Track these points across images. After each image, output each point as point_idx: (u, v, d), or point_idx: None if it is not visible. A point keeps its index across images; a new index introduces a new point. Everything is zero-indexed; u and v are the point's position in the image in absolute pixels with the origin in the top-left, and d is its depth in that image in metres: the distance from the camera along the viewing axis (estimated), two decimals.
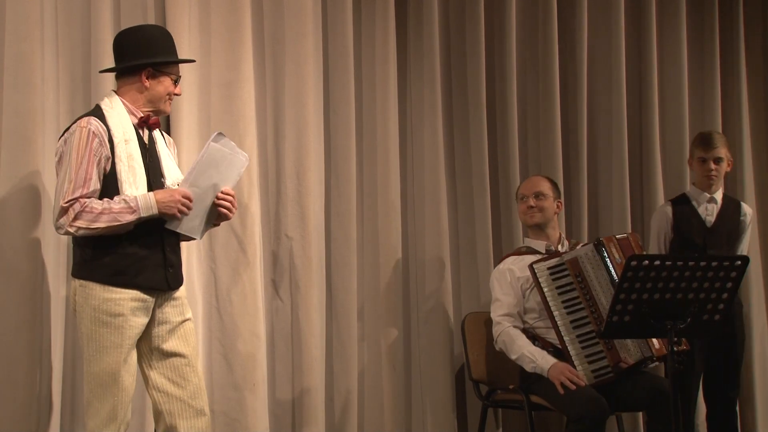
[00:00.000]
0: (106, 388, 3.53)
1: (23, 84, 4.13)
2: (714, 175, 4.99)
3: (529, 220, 4.79)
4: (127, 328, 3.55)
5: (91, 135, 3.54)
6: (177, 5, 4.55)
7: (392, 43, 5.13)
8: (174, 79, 3.73)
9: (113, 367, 3.53)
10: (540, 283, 4.55)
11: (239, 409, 4.59)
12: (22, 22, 4.15)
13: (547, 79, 5.46)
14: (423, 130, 5.22)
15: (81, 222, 3.49)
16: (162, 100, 3.72)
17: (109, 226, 3.50)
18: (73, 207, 3.49)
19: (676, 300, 3.70)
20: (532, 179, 4.92)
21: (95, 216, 3.49)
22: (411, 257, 5.19)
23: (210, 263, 4.65)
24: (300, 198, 4.83)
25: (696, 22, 5.90)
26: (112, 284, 3.55)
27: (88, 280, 3.57)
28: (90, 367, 3.56)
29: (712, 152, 4.98)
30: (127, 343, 3.56)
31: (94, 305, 3.55)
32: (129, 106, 3.69)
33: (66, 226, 3.51)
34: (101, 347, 3.53)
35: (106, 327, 3.54)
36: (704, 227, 5.00)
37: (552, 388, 4.38)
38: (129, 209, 3.51)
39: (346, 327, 4.94)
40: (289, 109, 4.85)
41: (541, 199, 4.78)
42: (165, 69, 3.71)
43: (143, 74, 3.68)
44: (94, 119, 3.58)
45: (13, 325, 4.04)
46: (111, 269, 3.55)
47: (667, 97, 5.78)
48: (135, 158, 3.60)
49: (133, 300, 3.57)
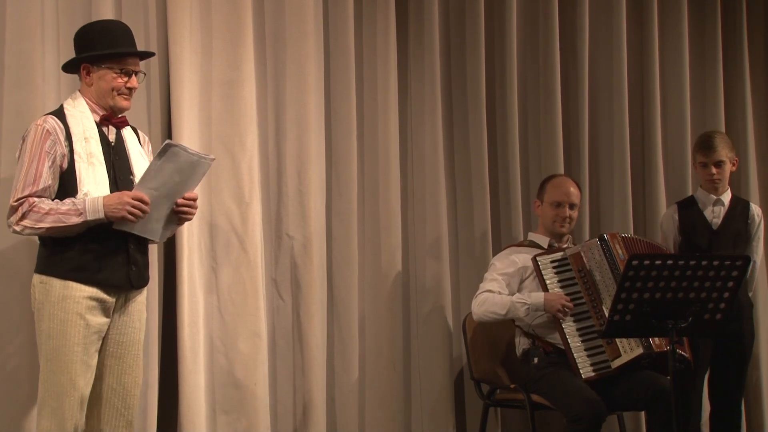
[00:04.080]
0: (61, 387, 3.46)
1: (24, 83, 4.13)
2: (717, 179, 4.97)
3: (558, 229, 4.72)
4: (84, 327, 3.50)
5: (45, 132, 3.51)
6: (178, 4, 4.55)
7: (393, 43, 5.13)
8: (118, 72, 3.61)
9: (69, 367, 3.47)
10: (543, 276, 4.55)
11: (240, 408, 4.59)
12: (23, 21, 4.16)
13: (548, 78, 5.46)
14: (423, 130, 5.22)
15: (27, 221, 3.46)
16: (108, 96, 3.63)
17: (54, 226, 3.45)
18: (22, 206, 3.46)
19: (677, 299, 3.70)
20: (567, 184, 4.79)
21: (41, 216, 3.45)
22: (411, 256, 5.19)
23: (211, 262, 4.64)
24: (301, 197, 4.83)
25: (697, 22, 5.89)
26: (72, 279, 3.49)
27: (48, 275, 3.52)
28: (47, 365, 3.49)
29: (713, 156, 4.95)
30: (84, 342, 3.49)
31: (53, 301, 3.49)
32: (91, 104, 3.64)
33: (13, 225, 3.48)
34: (58, 345, 3.47)
35: (63, 325, 3.48)
36: (710, 230, 4.98)
37: (552, 387, 4.39)
38: (76, 211, 3.46)
39: (347, 326, 4.94)
40: (290, 108, 4.85)
41: (574, 210, 4.75)
42: (102, 63, 3.62)
43: (82, 71, 3.65)
44: (51, 117, 3.57)
45: (13, 325, 4.05)
46: (71, 264, 3.50)
47: (668, 97, 5.77)
48: (95, 155, 3.56)
49: (92, 299, 3.52)
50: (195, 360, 4.49)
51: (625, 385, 4.42)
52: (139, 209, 3.49)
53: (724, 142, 5.01)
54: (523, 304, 4.51)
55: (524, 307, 4.50)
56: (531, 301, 4.50)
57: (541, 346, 4.56)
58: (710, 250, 4.91)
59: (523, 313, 4.51)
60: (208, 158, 3.65)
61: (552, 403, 4.45)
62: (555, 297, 4.48)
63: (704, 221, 4.99)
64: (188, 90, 4.56)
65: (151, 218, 3.57)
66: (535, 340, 4.59)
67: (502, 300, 4.56)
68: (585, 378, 4.41)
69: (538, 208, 4.82)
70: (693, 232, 5.00)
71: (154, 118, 4.53)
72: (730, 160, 5.00)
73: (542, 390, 4.48)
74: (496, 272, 4.68)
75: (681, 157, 5.66)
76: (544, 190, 4.82)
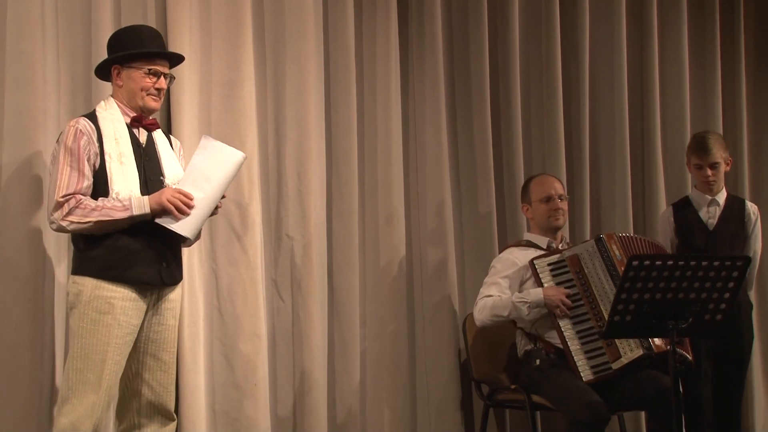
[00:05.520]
0: (87, 386, 3.50)
1: (24, 84, 4.14)
2: (712, 181, 4.96)
3: (554, 222, 4.73)
4: (116, 327, 3.54)
5: (79, 132, 3.60)
6: (178, 5, 4.55)
7: (394, 42, 5.13)
8: (147, 72, 3.71)
9: (98, 366, 3.51)
10: (540, 279, 4.55)
11: (240, 409, 4.59)
12: (23, 21, 4.16)
13: (550, 77, 5.46)
14: (426, 129, 5.21)
15: (73, 217, 3.52)
16: (138, 96, 3.72)
17: (101, 220, 3.52)
18: (69, 202, 3.53)
19: (677, 300, 3.69)
20: (549, 179, 4.83)
21: (88, 211, 3.52)
22: (414, 256, 5.19)
23: (211, 263, 4.64)
24: (301, 198, 4.83)
25: (697, 22, 5.91)
26: (103, 278, 3.55)
27: (80, 274, 3.59)
28: (74, 363, 3.53)
29: (708, 159, 4.94)
30: (115, 341, 3.53)
31: (85, 301, 3.55)
32: (122, 107, 3.73)
33: (59, 221, 3.54)
34: (88, 344, 3.52)
35: (94, 324, 3.53)
36: (706, 230, 4.97)
37: (553, 389, 4.38)
38: (122, 207, 3.54)
39: (348, 327, 4.94)
40: (290, 108, 4.85)
41: (564, 201, 4.77)
42: (132, 64, 3.71)
43: (113, 72, 3.74)
44: (83, 118, 3.66)
45: (14, 324, 4.04)
46: (101, 262, 3.56)
47: (668, 97, 5.79)
48: (126, 156, 3.63)
49: (124, 299, 3.56)
50: (195, 360, 4.49)
51: (625, 385, 4.41)
52: (184, 204, 3.58)
53: (718, 143, 4.98)
54: (524, 303, 4.50)
55: (525, 306, 4.50)
56: (531, 298, 4.50)
57: (543, 347, 4.56)
58: (707, 251, 4.90)
59: (526, 312, 4.50)
60: (241, 154, 3.75)
61: (554, 404, 4.44)
62: (554, 292, 4.48)
63: (700, 222, 4.98)
64: (188, 90, 4.56)
65: (193, 216, 3.63)
66: (536, 342, 4.59)
67: (503, 302, 4.56)
68: (585, 381, 4.40)
69: (528, 211, 4.83)
70: (689, 233, 5.00)
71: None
72: (724, 161, 4.99)
73: (544, 391, 4.47)
74: (497, 275, 4.67)
75: (680, 156, 5.65)
76: (528, 191, 4.82)
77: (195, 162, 3.69)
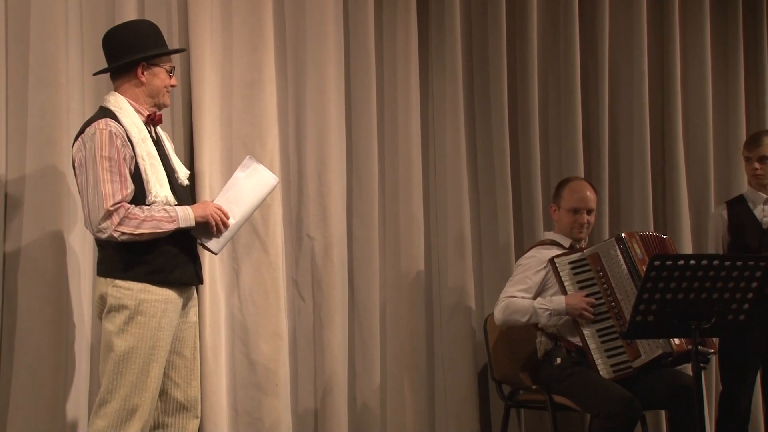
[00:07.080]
0: (132, 389, 3.48)
1: (48, 84, 4.14)
2: (759, 174, 4.92)
3: (576, 235, 4.71)
4: (162, 330, 3.54)
5: (113, 136, 3.49)
6: (199, 6, 4.56)
7: (414, 43, 5.13)
8: (168, 70, 3.72)
9: (142, 368, 3.49)
10: (561, 277, 4.55)
11: (261, 409, 4.59)
12: (47, 22, 4.17)
13: (569, 78, 5.46)
14: (445, 130, 5.21)
15: (125, 228, 3.45)
16: (161, 93, 3.71)
17: (153, 232, 3.49)
18: (118, 212, 3.45)
19: (700, 300, 3.67)
20: (584, 189, 4.75)
21: (139, 222, 3.47)
22: (433, 257, 5.19)
23: (232, 264, 4.65)
24: (322, 198, 4.83)
25: (720, 21, 5.88)
26: (150, 282, 3.53)
27: (125, 279, 3.53)
28: (118, 366, 3.49)
29: (756, 151, 4.91)
30: (160, 344, 3.54)
31: (132, 305, 3.50)
32: (134, 104, 3.65)
33: (110, 230, 3.45)
34: (134, 347, 3.49)
35: (140, 327, 3.51)
36: (759, 229, 4.91)
37: (579, 386, 4.37)
38: (169, 218, 3.52)
39: (368, 327, 4.94)
40: (311, 109, 4.85)
41: (591, 215, 4.74)
42: (158, 61, 3.69)
43: (139, 69, 3.65)
44: (111, 120, 3.53)
45: (38, 325, 4.05)
46: (149, 267, 3.54)
47: (690, 97, 5.76)
48: (154, 156, 3.59)
49: (167, 302, 3.56)
50: (216, 361, 4.50)
51: (646, 382, 4.40)
52: (223, 223, 3.62)
53: None
54: (545, 310, 4.50)
55: (546, 313, 4.50)
56: (553, 306, 4.50)
57: (564, 346, 4.56)
58: (760, 250, 4.84)
59: (545, 319, 4.50)
60: (276, 180, 3.80)
61: (578, 402, 4.43)
62: (576, 300, 4.46)
63: (754, 220, 4.93)
64: (209, 91, 4.57)
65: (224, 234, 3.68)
66: (557, 341, 4.58)
67: (524, 306, 4.55)
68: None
69: (555, 212, 4.79)
70: (742, 231, 4.94)
71: (177, 119, 4.54)
72: None
73: (568, 390, 4.46)
74: (520, 275, 4.67)
75: (702, 158, 5.65)
76: (560, 195, 4.78)
77: (236, 179, 3.71)
